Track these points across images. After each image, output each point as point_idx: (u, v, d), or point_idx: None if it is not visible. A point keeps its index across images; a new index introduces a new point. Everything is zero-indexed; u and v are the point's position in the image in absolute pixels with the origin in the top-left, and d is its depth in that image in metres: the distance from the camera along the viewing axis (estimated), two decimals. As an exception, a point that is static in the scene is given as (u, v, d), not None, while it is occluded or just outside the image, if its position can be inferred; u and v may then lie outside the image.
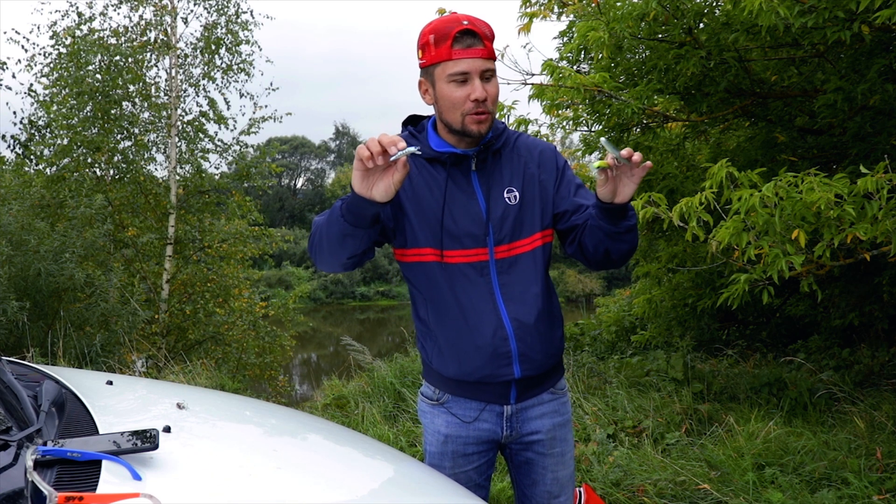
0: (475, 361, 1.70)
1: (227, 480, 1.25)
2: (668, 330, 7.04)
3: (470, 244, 1.68)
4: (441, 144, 1.72)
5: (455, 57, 1.58)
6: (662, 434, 3.95)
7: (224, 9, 10.75)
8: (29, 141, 9.98)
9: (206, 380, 5.62)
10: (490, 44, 1.62)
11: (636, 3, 3.80)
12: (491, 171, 1.72)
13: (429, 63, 1.63)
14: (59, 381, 1.67)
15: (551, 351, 1.76)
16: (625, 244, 1.66)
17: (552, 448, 1.83)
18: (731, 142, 5.66)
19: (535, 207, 1.72)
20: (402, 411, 4.73)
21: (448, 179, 1.70)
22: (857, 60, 3.80)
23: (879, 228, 2.45)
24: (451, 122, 1.65)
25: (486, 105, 1.61)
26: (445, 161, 1.70)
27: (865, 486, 3.02)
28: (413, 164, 1.72)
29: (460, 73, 1.59)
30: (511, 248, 1.70)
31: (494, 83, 1.64)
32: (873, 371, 5.07)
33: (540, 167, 1.75)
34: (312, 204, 51.52)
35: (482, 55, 1.59)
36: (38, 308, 6.75)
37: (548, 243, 1.76)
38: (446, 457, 1.81)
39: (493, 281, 1.69)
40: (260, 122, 10.84)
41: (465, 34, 1.58)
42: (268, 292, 18.02)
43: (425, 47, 1.63)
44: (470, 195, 1.70)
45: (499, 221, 1.69)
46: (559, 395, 1.85)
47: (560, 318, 1.82)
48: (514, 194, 1.71)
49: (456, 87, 1.60)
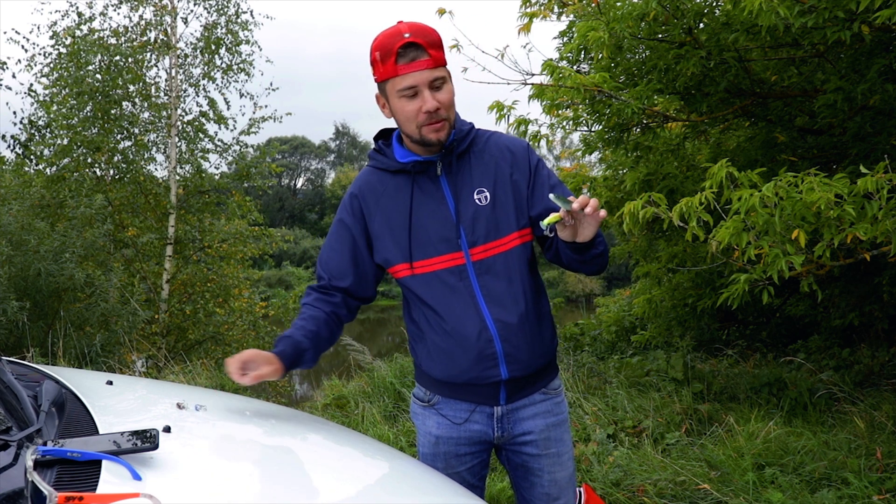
0: (462, 364, 1.70)
1: (227, 480, 1.25)
2: (668, 330, 7.04)
3: (444, 249, 1.69)
4: (405, 155, 1.73)
5: (401, 73, 1.59)
6: (662, 434, 3.94)
7: (224, 9, 10.75)
8: (29, 141, 9.99)
9: (206, 380, 5.62)
10: (436, 51, 1.61)
11: (636, 3, 3.80)
12: (459, 174, 1.71)
13: (379, 80, 1.65)
14: (59, 381, 1.67)
15: (540, 351, 1.75)
16: (595, 266, 1.69)
17: (547, 448, 1.81)
18: (731, 142, 5.66)
19: (508, 207, 1.70)
20: (402, 411, 4.73)
21: (415, 188, 1.72)
22: (857, 60, 3.80)
23: (879, 228, 2.45)
24: (410, 134, 1.67)
25: (440, 113, 1.61)
26: (410, 170, 1.71)
27: (865, 486, 3.02)
28: (379, 181, 1.76)
29: (408, 87, 1.60)
30: (487, 249, 1.69)
31: (446, 89, 1.64)
32: (873, 371, 5.07)
33: (512, 166, 1.73)
34: (312, 204, 51.54)
35: (427, 66, 1.59)
36: (38, 308, 6.75)
37: (527, 242, 1.74)
38: (438, 458, 1.81)
39: (473, 284, 1.68)
40: (260, 122, 10.84)
41: (408, 47, 1.58)
42: (268, 292, 18.02)
43: (374, 64, 1.64)
44: (439, 200, 1.70)
45: (470, 223, 1.68)
46: (552, 394, 1.83)
47: (549, 316, 1.80)
48: (484, 195, 1.70)
49: (407, 102, 1.61)
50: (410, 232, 1.70)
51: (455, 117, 1.71)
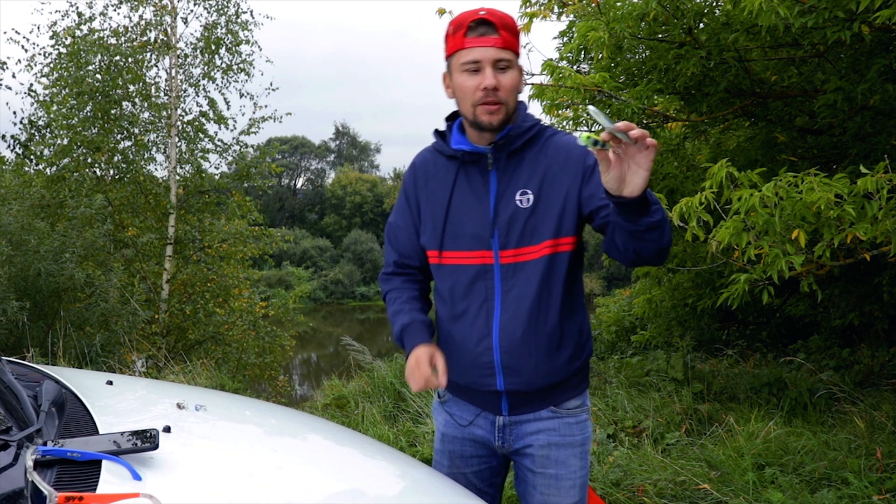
0: (460, 366, 1.68)
1: (227, 480, 1.25)
2: (668, 330, 7.05)
3: (475, 245, 1.63)
4: (459, 142, 1.67)
5: (467, 46, 1.55)
6: (662, 434, 3.94)
7: (224, 9, 10.75)
8: (29, 141, 9.98)
9: (206, 380, 5.62)
10: (508, 34, 1.56)
11: (636, 3, 3.80)
12: (509, 171, 1.63)
13: (447, 54, 1.61)
14: (59, 381, 1.67)
15: (547, 369, 1.63)
16: (651, 243, 1.44)
17: (544, 467, 1.70)
18: (731, 142, 5.66)
19: (551, 212, 1.59)
20: (402, 411, 4.73)
21: (460, 177, 1.66)
22: (857, 60, 3.80)
23: (879, 228, 2.46)
24: (466, 114, 1.61)
25: (498, 95, 1.55)
26: (459, 158, 1.66)
27: (865, 486, 3.02)
28: (433, 162, 1.72)
29: (472, 61, 1.55)
30: (518, 253, 1.61)
31: (511, 75, 1.57)
32: (873, 371, 5.08)
33: (564, 168, 1.61)
34: (312, 204, 51.55)
35: (495, 44, 1.54)
36: (38, 308, 6.75)
37: (561, 253, 1.61)
38: (444, 455, 1.80)
39: (495, 286, 1.62)
40: (260, 122, 10.84)
41: (480, 23, 1.54)
42: (268, 292, 18.01)
43: (446, 38, 1.61)
44: (481, 195, 1.64)
45: (506, 224, 1.61)
46: (564, 414, 1.70)
47: (575, 337, 1.66)
48: (527, 197, 1.61)
49: (468, 77, 1.56)
50: (446, 221, 1.66)
51: (518, 111, 1.64)
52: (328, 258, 42.29)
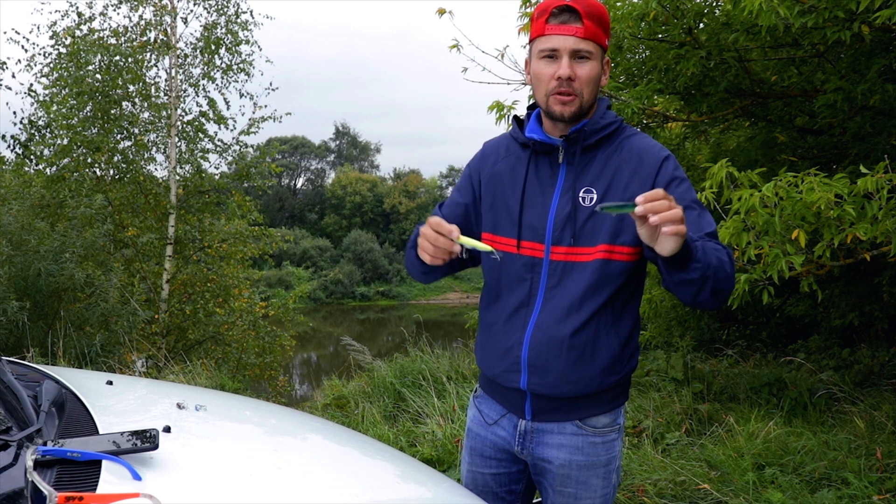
0: (491, 356, 1.66)
1: (227, 480, 1.25)
2: (668, 330, 7.04)
3: (529, 236, 1.58)
4: (533, 130, 1.62)
5: (547, 32, 1.51)
6: (662, 434, 3.94)
7: (224, 9, 10.75)
8: (29, 141, 9.98)
9: (206, 380, 5.62)
10: (593, 24, 1.49)
11: (636, 3, 3.80)
12: (579, 167, 1.57)
13: (530, 39, 1.58)
14: (59, 381, 1.67)
15: (575, 377, 1.56)
16: (685, 295, 1.42)
17: (563, 486, 1.64)
18: (731, 142, 5.66)
19: (611, 216, 1.53)
20: (402, 411, 4.73)
21: (530, 166, 1.62)
22: (857, 60, 3.80)
23: (879, 228, 2.46)
24: (540, 102, 1.57)
25: (573, 85, 1.50)
26: (531, 147, 1.62)
27: (865, 486, 3.02)
28: (507, 147, 1.69)
29: (550, 49, 1.51)
30: (569, 252, 1.54)
31: (590, 66, 1.51)
32: (873, 371, 5.08)
33: (634, 174, 1.54)
34: (312, 204, 51.55)
35: (577, 33, 1.48)
36: (38, 308, 6.75)
37: (616, 261, 1.53)
38: (467, 450, 1.78)
39: (541, 281, 1.57)
40: (260, 122, 10.84)
41: (564, 10, 1.49)
42: (268, 292, 18.03)
43: (531, 21, 1.58)
44: (546, 188, 1.59)
45: (563, 221, 1.55)
46: (590, 432, 1.62)
47: (611, 350, 1.57)
48: (591, 196, 1.55)
49: (545, 64, 1.52)
50: (521, 211, 1.61)
51: (598, 107, 1.59)
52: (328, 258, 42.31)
